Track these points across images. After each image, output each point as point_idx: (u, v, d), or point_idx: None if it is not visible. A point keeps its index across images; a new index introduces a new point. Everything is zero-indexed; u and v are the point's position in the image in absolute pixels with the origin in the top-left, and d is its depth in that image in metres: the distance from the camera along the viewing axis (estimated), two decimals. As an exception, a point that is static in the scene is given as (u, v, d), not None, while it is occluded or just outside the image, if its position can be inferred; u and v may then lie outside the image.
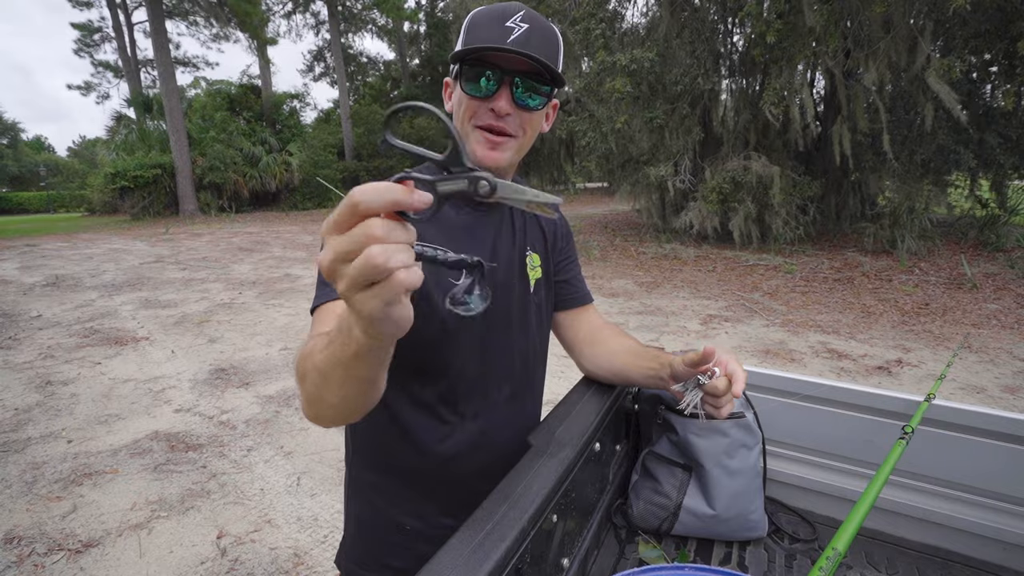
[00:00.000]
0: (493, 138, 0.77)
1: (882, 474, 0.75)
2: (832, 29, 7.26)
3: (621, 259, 9.27)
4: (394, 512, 0.90)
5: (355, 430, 0.93)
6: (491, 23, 0.74)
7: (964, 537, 1.03)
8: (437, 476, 0.88)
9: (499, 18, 0.74)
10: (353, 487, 0.95)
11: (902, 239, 7.97)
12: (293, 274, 8.66)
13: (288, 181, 21.22)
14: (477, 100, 0.76)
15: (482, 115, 0.76)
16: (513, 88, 0.75)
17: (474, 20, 0.77)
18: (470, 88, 0.76)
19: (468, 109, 0.77)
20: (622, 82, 8.25)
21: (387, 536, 0.90)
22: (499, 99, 0.75)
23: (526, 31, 0.74)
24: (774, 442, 1.19)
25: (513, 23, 0.73)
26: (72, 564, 2.19)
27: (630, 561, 1.01)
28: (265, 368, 4.45)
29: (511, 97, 0.75)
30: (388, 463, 0.89)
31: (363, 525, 0.93)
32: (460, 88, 0.77)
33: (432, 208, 0.40)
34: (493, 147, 0.77)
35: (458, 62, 0.77)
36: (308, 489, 2.72)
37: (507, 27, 0.73)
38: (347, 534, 0.97)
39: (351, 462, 0.96)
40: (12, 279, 8.47)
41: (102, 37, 27.85)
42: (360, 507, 0.94)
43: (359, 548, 0.94)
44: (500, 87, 0.75)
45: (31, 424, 3.46)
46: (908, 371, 4.13)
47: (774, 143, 9.40)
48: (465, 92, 0.76)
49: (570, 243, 1.05)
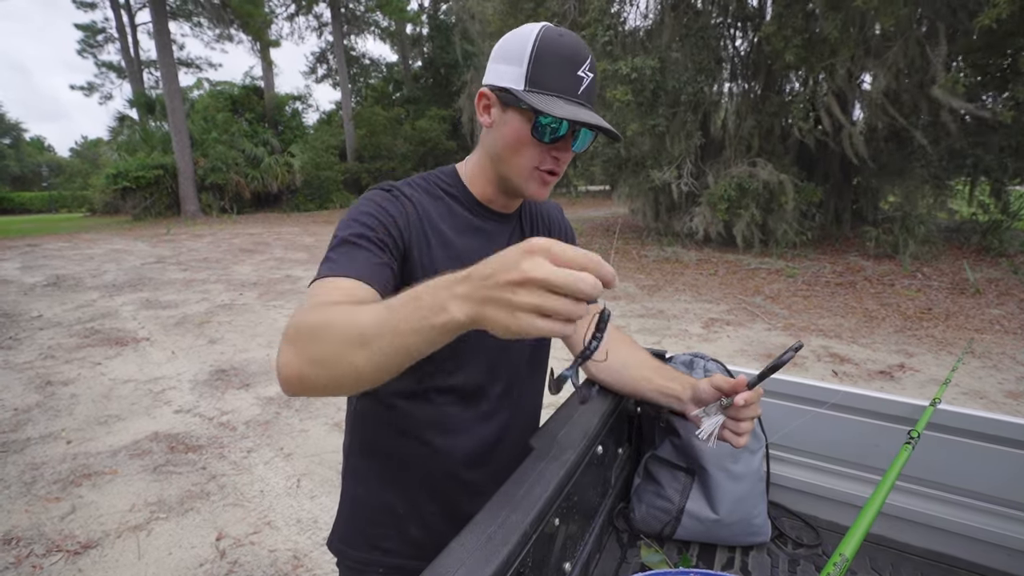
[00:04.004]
0: (548, 177, 0.81)
1: (888, 479, 0.74)
2: (845, 37, 7.30)
3: (623, 262, 9.27)
4: (387, 496, 0.92)
5: (355, 418, 0.96)
6: (563, 68, 0.74)
7: (969, 543, 1.02)
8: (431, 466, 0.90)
9: (571, 64, 0.74)
10: (349, 471, 0.98)
11: (905, 244, 7.97)
12: (294, 275, 8.66)
13: (290, 182, 21.23)
14: (542, 144, 0.78)
15: (546, 160, 0.79)
16: (575, 138, 0.79)
17: (544, 55, 0.74)
18: (540, 132, 0.77)
19: (530, 150, 0.79)
20: (623, 91, 8.28)
21: (377, 517, 0.93)
22: (565, 149, 0.79)
23: (591, 82, 0.76)
24: (777, 446, 1.19)
25: (583, 72, 0.75)
26: (70, 565, 2.18)
27: (632, 565, 1.00)
28: (265, 369, 4.45)
29: (571, 145, 0.79)
30: (386, 452, 0.92)
31: (357, 505, 0.96)
32: (530, 133, 0.77)
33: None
34: (545, 184, 0.82)
35: (533, 110, 0.75)
36: (308, 491, 2.72)
37: (579, 76, 0.75)
38: (340, 517, 0.99)
39: (349, 450, 0.98)
40: (13, 279, 8.48)
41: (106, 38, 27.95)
42: (355, 488, 0.96)
43: (351, 528, 0.96)
44: (565, 136, 0.78)
45: (30, 424, 3.45)
46: (911, 376, 4.12)
47: (776, 148, 9.40)
48: (534, 137, 0.77)
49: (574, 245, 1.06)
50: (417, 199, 0.83)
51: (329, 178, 22.58)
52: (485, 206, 0.89)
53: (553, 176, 0.81)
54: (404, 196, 0.82)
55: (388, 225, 0.78)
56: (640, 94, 8.69)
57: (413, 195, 0.83)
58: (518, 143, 0.78)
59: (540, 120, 0.75)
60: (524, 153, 0.79)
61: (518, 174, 0.81)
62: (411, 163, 23.45)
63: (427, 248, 0.82)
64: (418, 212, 0.82)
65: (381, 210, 0.79)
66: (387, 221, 0.78)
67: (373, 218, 0.78)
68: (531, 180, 0.81)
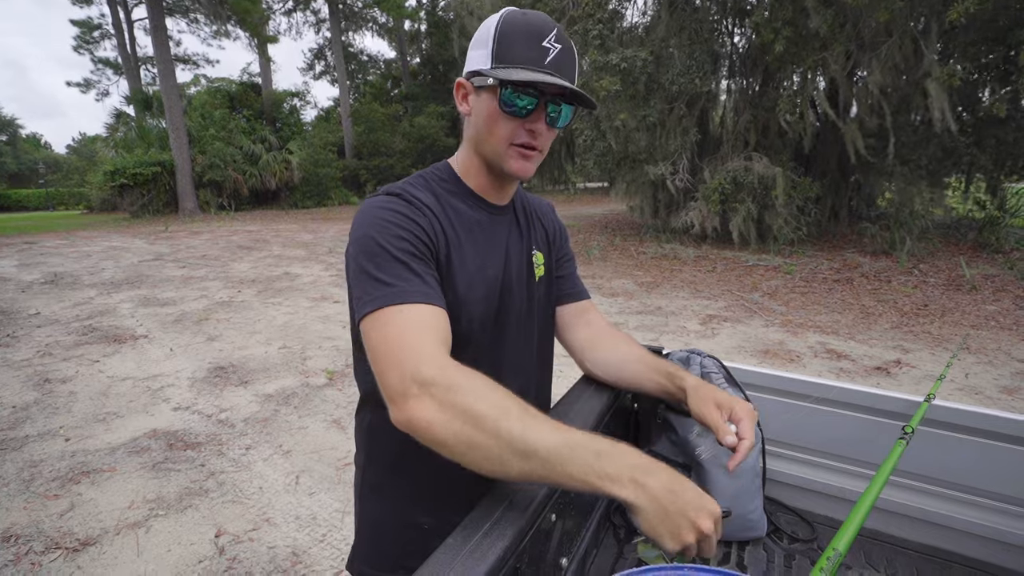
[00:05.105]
0: (527, 152, 0.82)
1: (882, 474, 0.75)
2: (837, 32, 7.29)
3: (621, 259, 9.27)
4: (410, 511, 0.90)
5: (369, 434, 0.94)
6: (528, 41, 0.75)
7: (963, 537, 1.03)
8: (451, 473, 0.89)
9: (536, 36, 0.76)
10: (367, 489, 0.96)
11: (902, 240, 7.98)
12: (292, 272, 8.65)
13: (288, 179, 21.20)
14: (516, 120, 0.79)
15: (520, 134, 0.80)
16: (549, 110, 0.79)
17: (507, 32, 0.76)
18: (509, 107, 0.78)
19: (504, 127, 0.80)
20: (610, 80, 8.27)
21: (403, 535, 0.91)
22: (537, 121, 0.79)
23: (561, 52, 0.77)
24: (773, 442, 1.19)
25: (549, 43, 0.76)
26: (69, 563, 2.19)
27: (629, 561, 1.00)
28: (264, 366, 4.45)
29: (546, 118, 0.80)
30: (404, 464, 0.90)
31: (378, 526, 0.93)
32: (499, 107, 0.78)
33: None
34: (526, 159, 0.82)
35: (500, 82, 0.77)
36: (307, 488, 2.72)
37: (544, 47, 0.76)
38: (360, 538, 0.97)
39: (364, 467, 0.96)
40: (10, 276, 8.46)
41: (102, 34, 27.83)
42: (375, 509, 0.94)
43: (374, 550, 0.94)
44: (537, 108, 0.78)
45: (29, 422, 3.45)
46: (907, 372, 4.13)
47: (774, 143, 9.40)
48: (504, 112, 0.78)
49: (567, 243, 1.09)
50: (428, 201, 0.83)
51: (327, 175, 22.54)
52: (482, 198, 0.89)
53: (532, 151, 0.81)
54: (419, 201, 0.81)
55: (419, 235, 0.77)
56: (632, 85, 8.67)
57: (424, 198, 0.83)
58: (490, 120, 0.80)
59: (504, 93, 0.77)
60: (497, 129, 0.80)
61: (495, 151, 0.82)
62: (409, 159, 23.40)
63: (458, 246, 0.83)
64: (434, 213, 0.82)
65: (407, 220, 0.78)
66: (417, 231, 0.77)
67: (406, 229, 0.76)
68: (509, 156, 0.81)
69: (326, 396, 3.83)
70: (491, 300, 0.87)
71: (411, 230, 0.77)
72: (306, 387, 4.00)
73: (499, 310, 0.88)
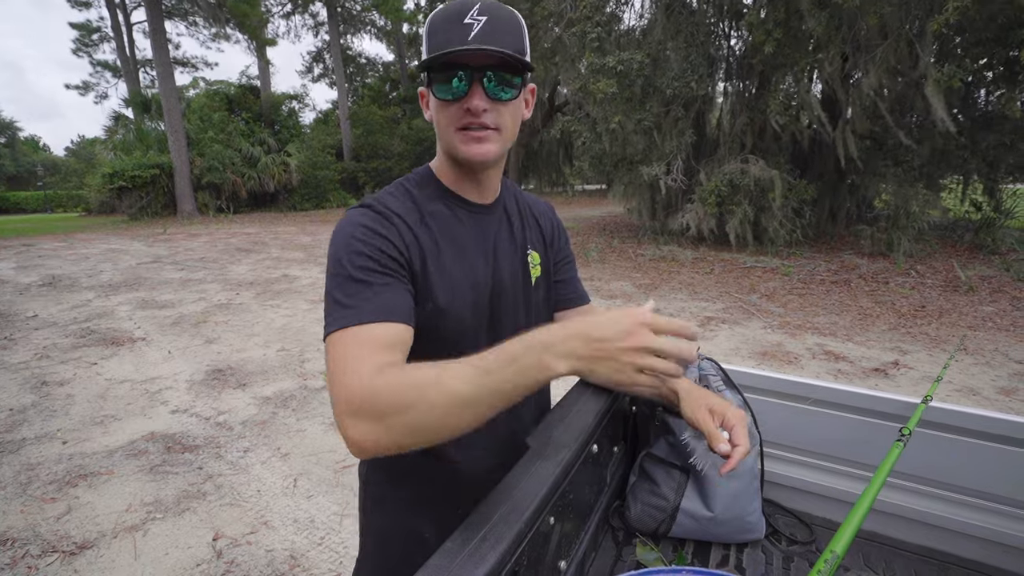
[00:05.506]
0: (475, 133, 0.78)
1: (880, 476, 0.75)
2: (832, 35, 7.31)
3: (619, 261, 9.28)
4: (413, 521, 0.90)
5: None
6: (449, 24, 0.74)
7: (961, 539, 1.03)
8: (452, 480, 0.89)
9: (456, 17, 0.74)
10: (370, 502, 0.96)
11: (899, 242, 8.00)
12: (291, 275, 8.64)
13: (286, 182, 21.19)
14: (452, 103, 0.77)
15: (460, 117, 0.77)
16: (484, 84, 0.75)
17: (433, 25, 0.76)
18: (442, 92, 0.77)
19: (446, 115, 0.78)
20: (607, 83, 8.30)
21: (407, 547, 0.90)
22: (473, 98, 0.75)
23: (486, 23, 0.73)
24: (771, 444, 1.19)
25: (471, 19, 0.73)
26: (66, 566, 2.18)
27: (628, 563, 1.00)
28: (262, 369, 4.44)
29: (484, 93, 0.75)
30: (405, 472, 0.90)
31: (382, 538, 0.93)
32: (433, 95, 0.78)
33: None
34: (478, 141, 0.78)
35: (425, 70, 0.77)
36: (305, 491, 2.72)
37: (466, 24, 0.73)
38: (364, 551, 0.97)
39: (367, 478, 0.96)
40: (8, 279, 8.44)
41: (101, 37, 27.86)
42: (379, 520, 0.94)
43: (379, 563, 0.94)
44: (471, 85, 0.75)
45: (26, 425, 3.44)
46: (905, 373, 4.14)
47: (770, 146, 9.43)
48: (438, 97, 0.77)
49: (567, 245, 1.07)
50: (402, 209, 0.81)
51: (326, 177, 22.54)
52: (461, 197, 0.88)
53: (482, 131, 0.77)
54: (390, 211, 0.79)
55: (385, 249, 0.75)
56: (628, 88, 8.69)
57: (397, 206, 0.81)
58: (436, 114, 0.80)
59: (433, 82, 0.77)
60: (442, 119, 0.79)
61: (448, 142, 0.80)
62: (408, 162, 23.42)
63: (436, 254, 0.81)
64: (407, 223, 0.80)
65: (373, 234, 0.76)
66: (383, 245, 0.75)
67: (370, 245, 0.74)
68: (459, 142, 0.79)
69: (324, 399, 3.83)
70: (480, 305, 0.85)
71: (376, 245, 0.75)
72: (304, 390, 4.00)
73: (492, 314, 0.87)
